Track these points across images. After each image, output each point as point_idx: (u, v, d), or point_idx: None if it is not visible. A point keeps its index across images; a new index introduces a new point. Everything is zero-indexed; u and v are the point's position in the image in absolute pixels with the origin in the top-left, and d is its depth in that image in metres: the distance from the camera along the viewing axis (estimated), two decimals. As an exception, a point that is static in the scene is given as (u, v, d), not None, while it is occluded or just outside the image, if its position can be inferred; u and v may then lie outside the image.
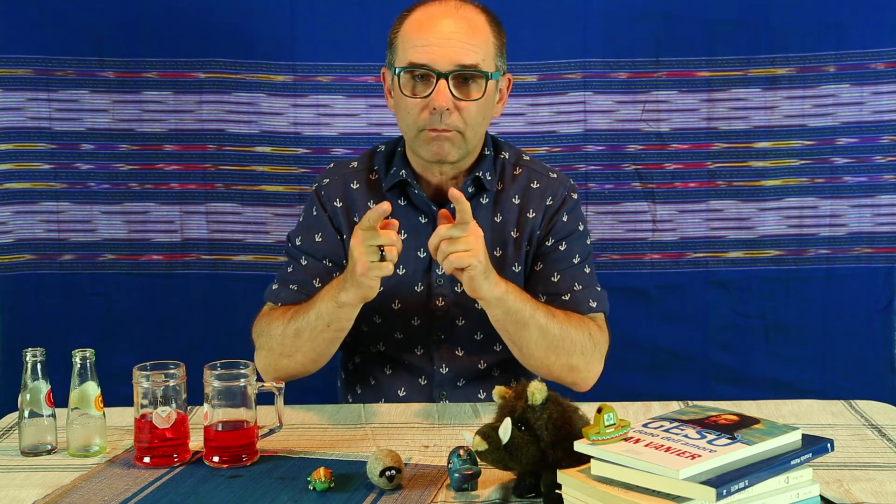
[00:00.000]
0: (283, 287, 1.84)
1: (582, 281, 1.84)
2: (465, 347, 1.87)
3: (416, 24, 1.76)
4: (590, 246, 1.90)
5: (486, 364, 1.88)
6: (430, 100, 1.72)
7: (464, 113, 1.74)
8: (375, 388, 1.90)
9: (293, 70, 2.51)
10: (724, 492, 1.12)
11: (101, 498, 1.35)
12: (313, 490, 1.36)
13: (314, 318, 1.69)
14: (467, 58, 1.72)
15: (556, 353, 1.73)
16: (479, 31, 1.76)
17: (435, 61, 1.72)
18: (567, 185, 1.90)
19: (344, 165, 1.92)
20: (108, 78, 2.52)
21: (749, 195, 2.54)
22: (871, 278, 2.55)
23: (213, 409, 1.47)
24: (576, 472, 1.23)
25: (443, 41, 1.72)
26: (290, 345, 1.73)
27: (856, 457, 1.48)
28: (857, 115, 2.51)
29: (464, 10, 1.77)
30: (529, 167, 1.90)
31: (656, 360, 2.58)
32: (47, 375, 1.54)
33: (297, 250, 1.87)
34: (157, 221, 2.57)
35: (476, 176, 1.84)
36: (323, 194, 1.88)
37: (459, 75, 1.73)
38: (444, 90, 1.71)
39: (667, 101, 2.52)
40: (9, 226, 2.54)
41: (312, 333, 1.71)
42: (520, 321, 1.68)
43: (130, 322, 2.57)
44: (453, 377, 1.87)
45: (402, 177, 1.83)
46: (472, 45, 1.73)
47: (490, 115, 1.82)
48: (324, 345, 1.73)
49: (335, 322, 1.69)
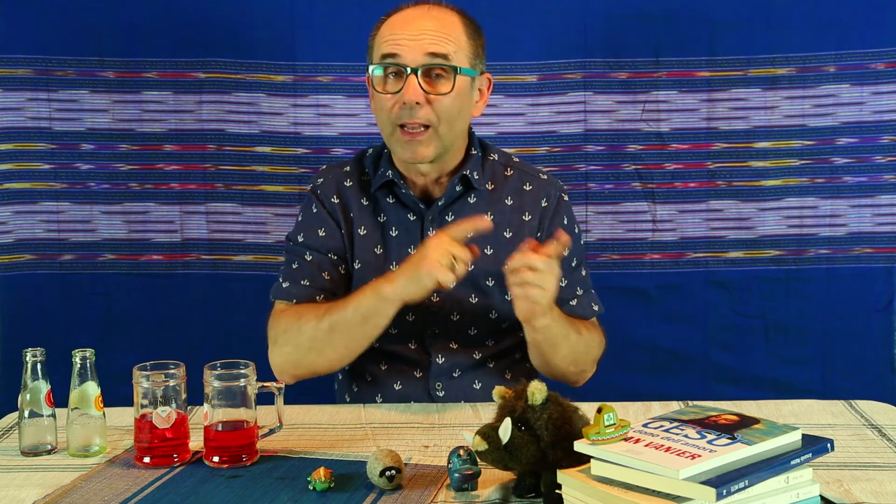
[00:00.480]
0: (294, 284, 1.85)
1: (582, 285, 1.90)
2: (459, 341, 1.88)
3: (390, 24, 1.81)
4: (583, 247, 1.95)
5: (480, 355, 1.90)
6: (401, 94, 1.75)
7: (435, 106, 1.76)
8: (372, 384, 1.91)
9: (293, 70, 2.51)
10: (724, 492, 1.12)
11: (101, 498, 1.35)
12: (313, 490, 1.36)
13: (352, 313, 1.71)
14: (436, 47, 1.75)
15: (575, 365, 1.83)
16: (450, 28, 1.79)
17: (404, 53, 1.75)
18: (557, 185, 1.93)
19: (337, 167, 1.95)
20: (108, 78, 2.52)
21: (749, 195, 2.54)
22: (871, 278, 2.55)
23: (213, 409, 1.47)
24: (576, 472, 1.23)
25: (413, 34, 1.77)
26: (322, 339, 1.74)
27: (856, 457, 1.48)
28: (857, 115, 2.51)
29: (437, 11, 1.82)
30: (520, 169, 1.93)
31: (656, 360, 2.58)
32: (47, 375, 1.54)
33: (301, 247, 1.88)
34: (157, 221, 2.57)
35: (463, 174, 1.85)
36: (320, 192, 1.91)
37: (430, 70, 1.76)
38: (413, 84, 1.74)
39: (667, 101, 2.52)
40: (9, 226, 2.55)
41: (349, 329, 1.72)
42: (555, 343, 1.76)
43: (130, 322, 2.57)
44: (448, 368, 1.88)
45: (388, 177, 1.86)
46: (442, 37, 1.77)
47: (467, 112, 1.84)
48: (357, 342, 1.74)
49: (373, 317, 1.70)
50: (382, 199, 1.88)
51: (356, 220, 1.88)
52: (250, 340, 1.91)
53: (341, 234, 1.88)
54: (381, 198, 1.88)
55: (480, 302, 1.86)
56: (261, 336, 1.84)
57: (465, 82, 1.80)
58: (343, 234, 1.88)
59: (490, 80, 1.89)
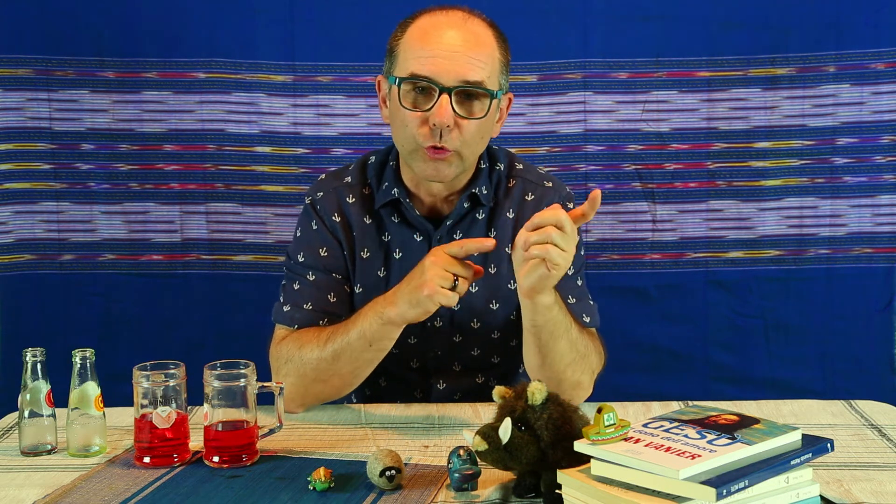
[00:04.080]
0: (296, 308, 1.75)
1: (575, 293, 1.77)
2: (463, 363, 1.84)
3: (421, 33, 1.67)
4: (583, 258, 1.85)
5: (483, 378, 1.86)
6: (431, 114, 1.64)
7: (463, 131, 1.66)
8: (372, 399, 1.88)
9: (293, 70, 2.51)
10: (724, 492, 1.12)
11: (101, 498, 1.35)
12: (313, 490, 1.35)
13: (355, 338, 1.63)
14: (473, 74, 1.64)
15: (573, 369, 1.66)
16: (485, 46, 1.67)
17: (438, 74, 1.63)
18: (563, 193, 1.84)
19: (337, 178, 1.84)
20: (108, 78, 2.52)
21: (749, 195, 2.54)
22: (871, 278, 2.55)
23: (213, 409, 1.47)
24: (576, 472, 1.23)
25: (448, 54, 1.64)
26: (326, 369, 1.66)
27: (856, 457, 1.48)
28: (857, 115, 2.51)
29: (471, 23, 1.68)
30: (524, 177, 1.83)
31: (656, 360, 2.58)
32: (47, 375, 1.54)
33: (302, 266, 1.79)
34: (157, 221, 2.57)
35: (472, 192, 1.77)
36: (319, 208, 1.81)
37: (463, 91, 1.65)
38: (445, 105, 1.63)
39: (667, 101, 2.52)
40: (9, 226, 2.55)
41: (353, 354, 1.64)
42: (555, 333, 1.61)
43: (130, 322, 2.57)
44: (449, 392, 1.85)
45: (394, 195, 1.77)
46: (478, 61, 1.65)
47: (489, 134, 1.74)
48: (363, 367, 1.67)
49: (378, 341, 1.63)
50: (387, 218, 1.79)
51: (358, 241, 1.79)
52: (250, 340, 1.90)
53: (343, 255, 1.79)
54: (386, 216, 1.79)
55: (483, 325, 1.81)
56: (261, 336, 1.83)
57: (495, 105, 1.70)
58: (345, 255, 1.79)
59: (511, 100, 1.78)
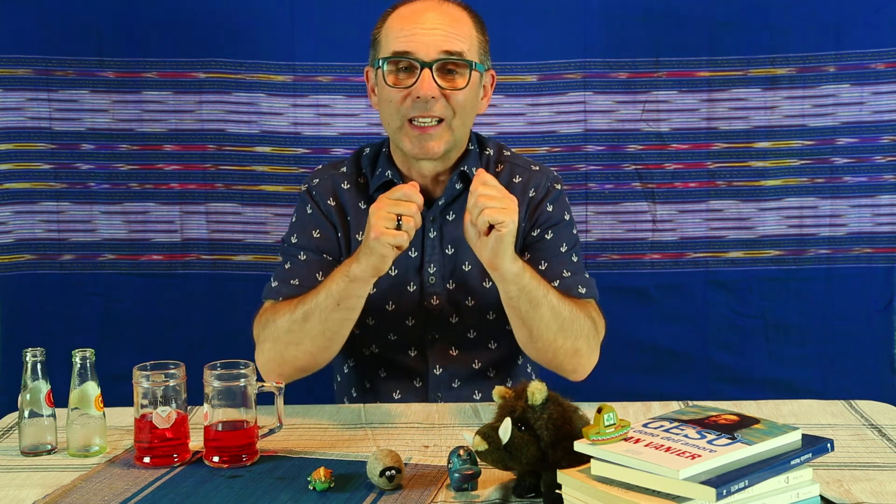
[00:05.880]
0: (283, 283, 1.81)
1: (570, 268, 1.82)
2: (459, 346, 1.87)
3: (399, 18, 1.77)
4: (576, 236, 1.89)
5: (480, 363, 1.88)
6: (415, 88, 1.72)
7: (451, 101, 1.74)
8: (371, 392, 1.90)
9: (293, 70, 2.51)
10: (724, 492, 1.12)
11: (101, 498, 1.35)
12: (313, 490, 1.36)
13: (324, 298, 1.66)
14: (452, 45, 1.73)
15: (563, 336, 1.70)
16: (462, 24, 1.77)
17: (418, 49, 1.72)
18: (550, 176, 1.89)
19: (333, 167, 1.92)
20: (108, 78, 2.52)
21: (749, 195, 2.54)
22: (871, 278, 2.55)
23: (213, 409, 1.47)
24: (576, 472, 1.23)
25: (427, 31, 1.73)
26: (298, 331, 1.70)
27: (856, 457, 1.48)
28: (857, 115, 2.51)
29: (446, 6, 1.79)
30: (511, 162, 1.89)
31: (656, 360, 2.58)
32: (47, 375, 1.54)
33: (295, 247, 1.85)
34: (157, 221, 2.57)
35: (462, 171, 1.83)
36: (315, 193, 1.87)
37: (444, 65, 1.73)
38: (428, 79, 1.71)
39: (667, 101, 2.52)
40: (9, 226, 2.54)
41: (323, 314, 1.67)
42: (533, 300, 1.65)
43: (130, 322, 2.57)
44: (448, 378, 1.87)
45: (387, 177, 1.82)
46: (457, 35, 1.74)
47: (475, 108, 1.82)
48: (334, 326, 1.69)
49: (346, 300, 1.66)
50: None
51: (353, 225, 1.85)
52: (250, 340, 1.90)
53: (337, 238, 1.85)
54: None
55: (477, 303, 1.85)
56: (261, 336, 1.84)
57: (476, 78, 1.78)
58: (339, 238, 1.86)
59: (494, 77, 1.87)
